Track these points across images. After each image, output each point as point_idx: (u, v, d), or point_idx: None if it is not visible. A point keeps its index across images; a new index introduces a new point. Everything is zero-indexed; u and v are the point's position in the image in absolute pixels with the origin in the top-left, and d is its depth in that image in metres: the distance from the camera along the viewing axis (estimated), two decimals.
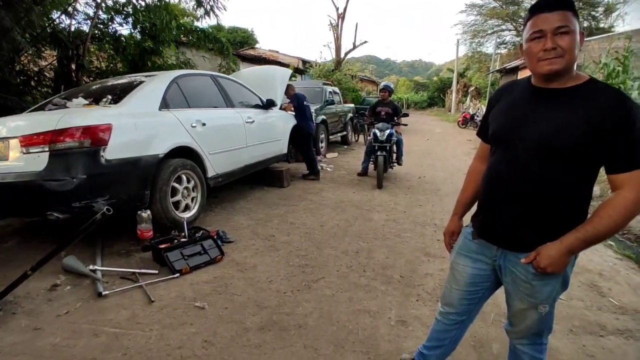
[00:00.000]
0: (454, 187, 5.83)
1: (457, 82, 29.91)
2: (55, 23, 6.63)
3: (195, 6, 7.24)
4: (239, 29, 29.71)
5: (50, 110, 3.43)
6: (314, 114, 6.77)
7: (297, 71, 15.78)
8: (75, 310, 2.32)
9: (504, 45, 27.69)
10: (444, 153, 9.79)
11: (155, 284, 2.65)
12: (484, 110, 1.54)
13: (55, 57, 6.91)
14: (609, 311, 2.51)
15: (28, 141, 2.75)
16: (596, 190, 4.82)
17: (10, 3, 4.39)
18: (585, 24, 22.58)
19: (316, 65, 18.37)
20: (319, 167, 7.03)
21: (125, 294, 2.53)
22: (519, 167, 1.25)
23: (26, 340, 2.04)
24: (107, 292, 2.48)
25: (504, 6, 25.93)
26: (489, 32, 27.87)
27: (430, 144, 11.58)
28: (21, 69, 6.33)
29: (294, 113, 5.99)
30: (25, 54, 6.09)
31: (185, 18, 10.61)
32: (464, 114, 18.90)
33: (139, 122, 3.16)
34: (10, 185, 2.74)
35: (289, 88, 6.13)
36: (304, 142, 6.02)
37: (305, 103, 5.99)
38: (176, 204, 3.54)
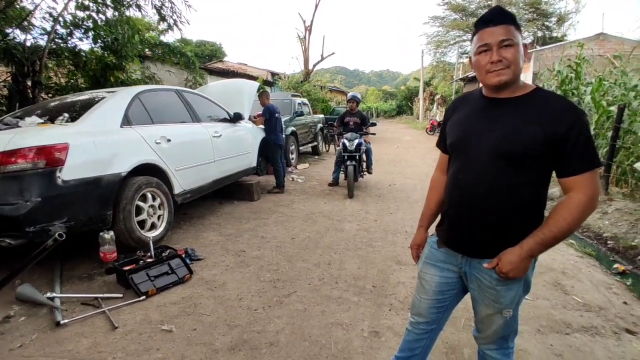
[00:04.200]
0: (424, 193, 5.89)
1: (424, 91, 30.82)
2: (8, 38, 6.33)
3: (158, 20, 7.11)
4: (206, 42, 29.55)
5: (0, 130, 3.25)
6: (284, 126, 6.77)
7: (266, 83, 15.77)
8: (31, 343, 2.18)
9: (466, 55, 28.80)
10: (413, 160, 10.00)
11: (120, 309, 2.53)
12: None
13: (8, 74, 6.60)
14: (574, 309, 2.60)
15: None
16: (556, 191, 5.04)
17: None
18: (540, 33, 23.85)
19: (285, 77, 18.44)
20: (290, 178, 7.03)
21: (87, 321, 2.40)
22: (476, 174, 1.28)
23: None
24: (66, 321, 2.35)
25: (463, 18, 27.07)
26: (451, 42, 28.99)
27: (399, 152, 11.80)
28: None
29: (263, 126, 5.95)
30: None
31: (150, 32, 10.42)
32: (431, 121, 19.48)
33: (98, 140, 3.05)
34: None
35: (263, 96, 6.08)
36: (272, 154, 5.99)
37: (276, 115, 5.96)
38: (141, 223, 3.43)
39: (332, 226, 4.35)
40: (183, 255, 3.14)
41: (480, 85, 1.34)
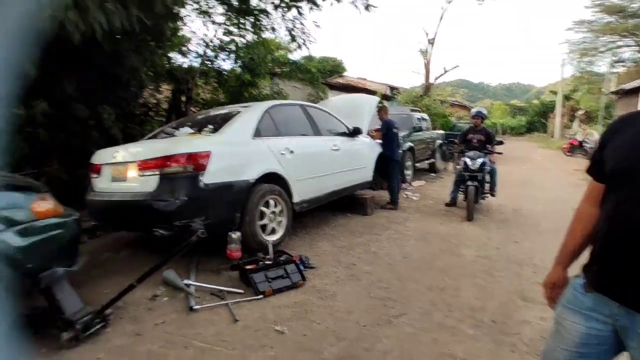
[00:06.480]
0: (557, 223, 5.17)
1: (563, 106, 27.15)
2: (171, 61, 7.63)
3: (289, 41, 7.78)
4: (328, 58, 30.97)
5: (162, 138, 3.90)
6: (401, 141, 6.67)
7: (385, 97, 15.82)
8: (171, 321, 2.53)
9: (622, 64, 24.56)
10: (544, 183, 8.87)
11: (240, 304, 2.77)
12: (596, 136, 1.34)
13: (169, 91, 7.92)
14: None
15: (144, 165, 3.15)
16: None
17: (139, 48, 5.18)
18: None
19: (404, 91, 18.25)
20: (404, 195, 6.86)
21: (213, 310, 2.68)
22: None
23: (128, 345, 2.27)
24: (197, 307, 2.67)
25: (621, 20, 23.11)
26: (602, 49, 25.00)
27: (528, 173, 10.58)
28: (143, 102, 7.37)
29: (380, 141, 5.94)
30: (147, 89, 7.08)
31: (279, 51, 11.46)
32: (570, 141, 17.00)
33: (234, 150, 3.44)
34: (128, 204, 3.16)
35: (382, 111, 6.12)
36: (388, 170, 5.92)
37: (394, 130, 5.90)
38: (263, 227, 3.70)
39: (447, 249, 4.10)
40: (298, 262, 3.29)
41: None
